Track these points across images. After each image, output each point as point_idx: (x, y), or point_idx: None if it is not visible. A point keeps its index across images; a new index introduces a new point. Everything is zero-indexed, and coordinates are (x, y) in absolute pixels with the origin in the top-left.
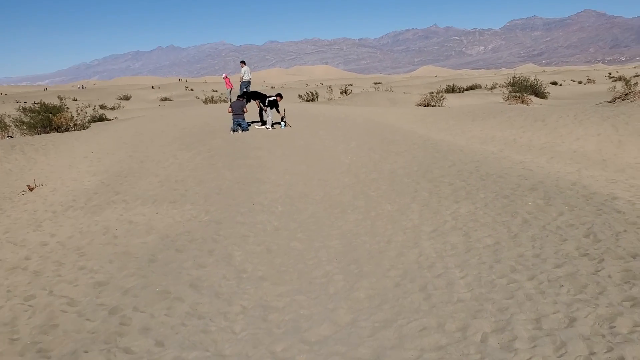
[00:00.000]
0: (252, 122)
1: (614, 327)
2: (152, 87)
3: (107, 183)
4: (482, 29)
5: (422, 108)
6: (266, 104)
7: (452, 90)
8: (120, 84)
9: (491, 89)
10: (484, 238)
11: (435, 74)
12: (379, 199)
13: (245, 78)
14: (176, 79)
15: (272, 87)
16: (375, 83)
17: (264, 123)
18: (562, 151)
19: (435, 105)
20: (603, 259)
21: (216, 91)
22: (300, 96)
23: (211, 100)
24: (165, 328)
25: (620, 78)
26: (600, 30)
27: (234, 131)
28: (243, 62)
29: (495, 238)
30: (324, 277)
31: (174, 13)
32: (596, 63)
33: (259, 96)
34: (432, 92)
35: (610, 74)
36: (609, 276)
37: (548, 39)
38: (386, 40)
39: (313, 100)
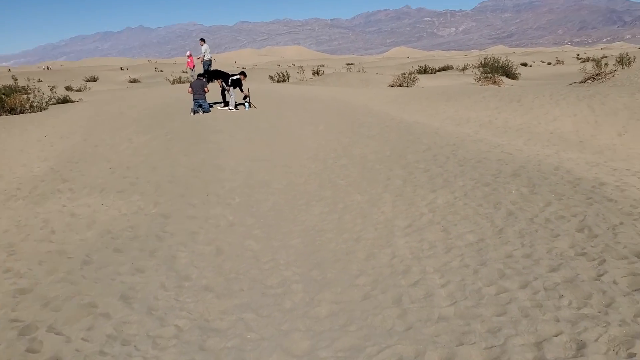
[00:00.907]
0: (215, 102)
1: (634, 354)
2: (121, 69)
3: (56, 169)
4: (454, 11)
5: (394, 89)
6: (229, 84)
7: (424, 71)
8: (88, 65)
9: (463, 70)
10: (465, 234)
11: (407, 55)
12: (348, 188)
13: (207, 57)
14: (145, 60)
15: (243, 68)
16: (348, 64)
17: (226, 104)
18: (539, 132)
19: (408, 86)
20: (604, 260)
21: (185, 72)
22: (270, 77)
23: (179, 81)
24: (78, 359)
25: (588, 59)
26: (568, 12)
27: (194, 113)
28: (202, 40)
29: (479, 234)
30: (280, 287)
31: None
32: (564, 44)
33: (221, 75)
34: (405, 73)
35: (578, 55)
36: (615, 282)
37: (518, 20)
38: (358, 21)
39: (284, 81)
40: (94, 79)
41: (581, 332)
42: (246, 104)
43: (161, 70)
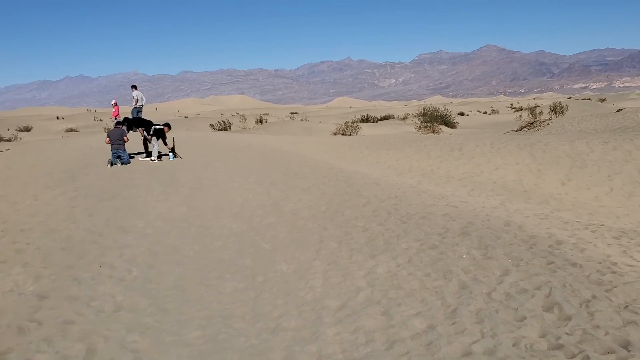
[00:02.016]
0: (137, 153)
1: None
2: (57, 118)
3: None
4: (393, 62)
5: (336, 137)
6: (151, 133)
7: (366, 120)
8: (23, 114)
9: (404, 119)
10: (411, 318)
11: (350, 105)
12: (272, 254)
13: (139, 104)
14: (84, 109)
15: (185, 117)
16: (292, 113)
17: (149, 154)
18: (482, 182)
19: (350, 134)
20: (587, 357)
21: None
22: (212, 125)
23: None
24: None
25: (522, 108)
26: (501, 64)
27: (112, 164)
28: (134, 87)
29: (427, 318)
30: None
31: (83, 42)
32: (498, 95)
33: (142, 123)
34: (348, 122)
35: (512, 104)
36: None
37: (454, 72)
38: (302, 71)
39: (225, 129)
40: (27, 129)
41: None
42: (170, 154)
43: (100, 120)
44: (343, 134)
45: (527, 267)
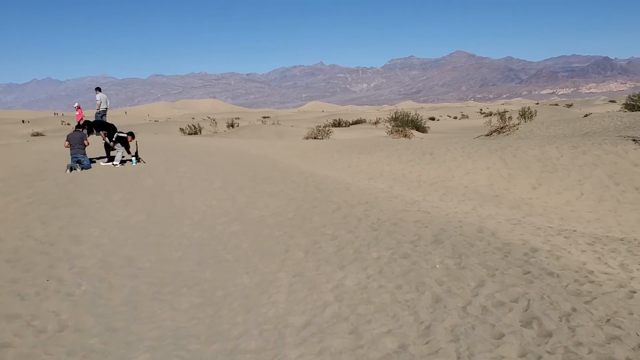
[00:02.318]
0: (98, 157)
1: None
2: (23, 122)
3: None
4: (365, 68)
5: (306, 141)
6: (113, 139)
7: (338, 124)
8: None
9: (375, 123)
10: (382, 337)
11: (322, 109)
12: (234, 265)
13: (102, 107)
14: (52, 112)
15: (155, 121)
16: (264, 117)
17: (110, 159)
18: (454, 187)
19: (322, 138)
20: None
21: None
22: (181, 129)
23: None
24: None
25: (491, 113)
26: (470, 70)
27: (71, 170)
28: (98, 89)
29: (399, 336)
30: None
31: (50, 44)
32: (468, 100)
33: (104, 127)
34: (320, 126)
35: (481, 110)
36: None
37: (424, 78)
38: (274, 75)
39: (195, 133)
40: None
41: None
42: (133, 159)
43: (68, 124)
44: (315, 138)
45: (503, 277)
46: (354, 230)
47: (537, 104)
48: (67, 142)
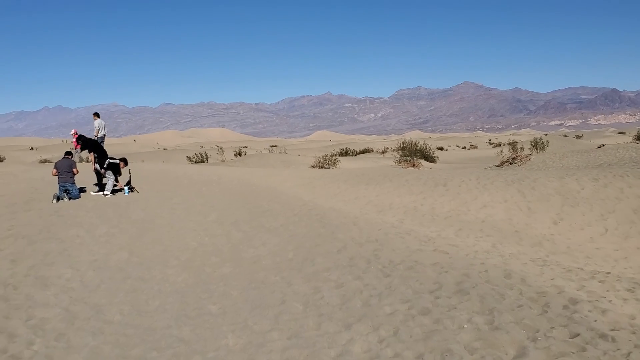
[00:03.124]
0: (95, 184)
1: None
2: (32, 148)
3: None
4: (373, 97)
5: (312, 170)
6: (105, 166)
7: (345, 153)
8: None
9: (383, 152)
10: None
11: (329, 139)
12: (219, 319)
13: (100, 134)
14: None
15: (164, 149)
16: (272, 146)
17: (102, 188)
18: (470, 221)
19: (329, 167)
20: None
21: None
22: (188, 157)
23: (87, 161)
24: None
25: (500, 144)
26: (478, 101)
27: (57, 199)
28: (96, 115)
29: None
30: None
31: (61, 73)
32: (476, 130)
33: (97, 149)
34: (326, 155)
35: (490, 140)
36: None
37: (432, 108)
38: (282, 105)
39: (202, 161)
40: (0, 159)
41: None
42: (126, 188)
43: (77, 150)
44: (322, 167)
45: (547, 341)
46: (363, 275)
47: (546, 134)
48: (54, 170)
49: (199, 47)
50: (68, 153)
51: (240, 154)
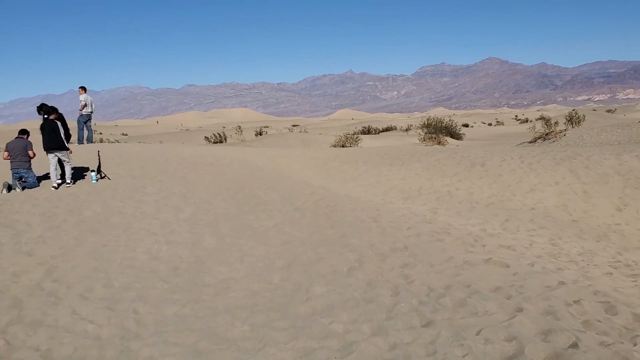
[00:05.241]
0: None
1: None
2: None
3: None
4: (395, 75)
5: (330, 149)
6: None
7: (368, 131)
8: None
9: (407, 130)
10: None
11: (352, 117)
12: None
13: (87, 110)
14: None
15: (186, 130)
16: (293, 125)
17: (63, 176)
18: (517, 209)
19: (350, 146)
20: None
21: (126, 134)
22: (206, 138)
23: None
24: None
25: (527, 120)
26: (503, 77)
27: (9, 189)
28: (82, 88)
29: None
30: None
31: (85, 56)
32: (501, 107)
33: (61, 124)
34: (348, 133)
35: (517, 116)
36: None
37: (456, 84)
38: (304, 84)
39: (221, 142)
40: None
41: None
42: (93, 174)
43: (100, 133)
44: (343, 146)
45: None
46: (387, 324)
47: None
48: (6, 153)
49: (221, 28)
50: (23, 132)
51: (260, 134)
